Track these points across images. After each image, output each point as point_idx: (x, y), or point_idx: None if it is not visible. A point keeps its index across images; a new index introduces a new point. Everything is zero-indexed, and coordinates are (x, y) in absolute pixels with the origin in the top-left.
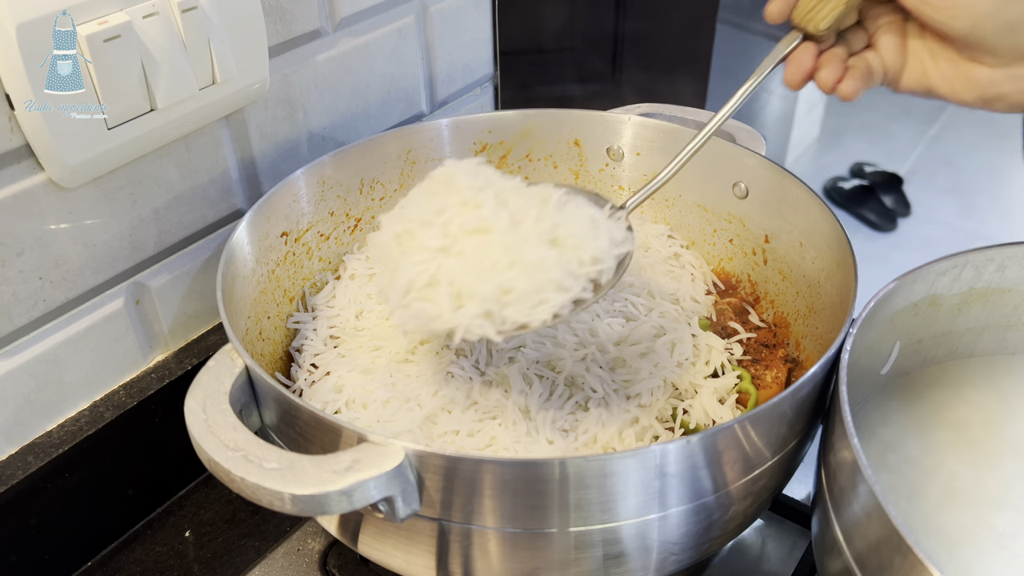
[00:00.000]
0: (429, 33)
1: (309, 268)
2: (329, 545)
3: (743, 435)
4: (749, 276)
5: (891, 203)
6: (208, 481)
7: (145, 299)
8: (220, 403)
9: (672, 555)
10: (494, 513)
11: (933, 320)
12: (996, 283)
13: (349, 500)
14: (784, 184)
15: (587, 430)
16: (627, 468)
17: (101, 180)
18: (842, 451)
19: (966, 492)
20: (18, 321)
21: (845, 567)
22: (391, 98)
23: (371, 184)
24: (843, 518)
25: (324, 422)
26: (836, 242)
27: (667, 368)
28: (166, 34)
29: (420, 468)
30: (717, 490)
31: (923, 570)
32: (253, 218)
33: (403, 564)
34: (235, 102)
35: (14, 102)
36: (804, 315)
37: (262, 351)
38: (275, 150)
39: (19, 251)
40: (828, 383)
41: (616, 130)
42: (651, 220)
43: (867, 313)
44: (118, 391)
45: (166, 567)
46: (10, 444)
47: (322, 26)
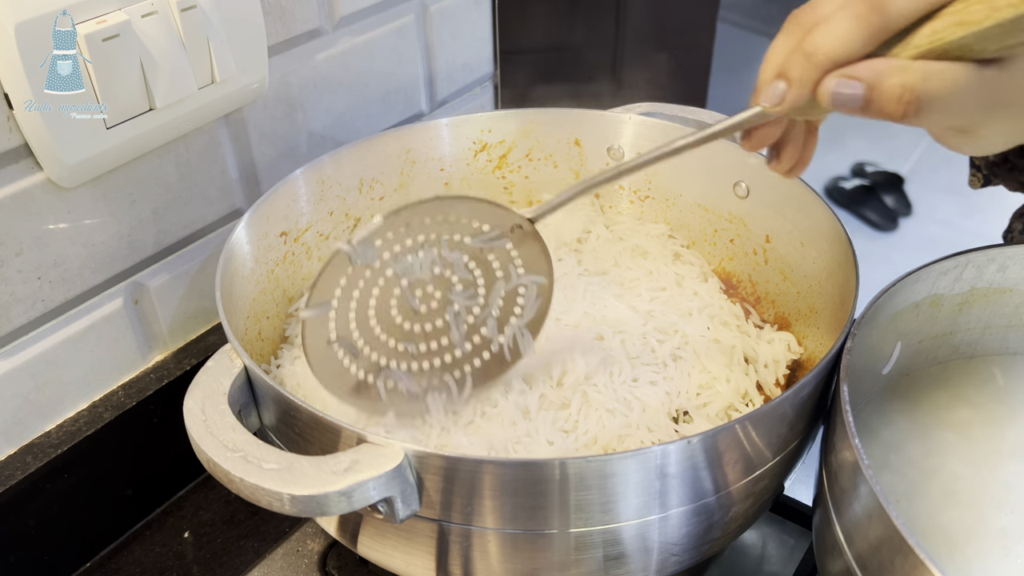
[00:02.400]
0: (429, 32)
1: (308, 268)
2: (328, 546)
3: (744, 435)
4: (750, 276)
5: (892, 203)
6: (207, 482)
7: (144, 299)
8: (219, 403)
9: (673, 556)
10: (494, 514)
11: (934, 320)
12: (998, 283)
13: (348, 501)
14: (785, 184)
15: (587, 431)
16: (628, 469)
17: (100, 180)
18: (843, 452)
19: (968, 493)
20: (17, 321)
21: (846, 568)
22: (391, 97)
23: (371, 184)
24: (844, 519)
25: (323, 422)
26: (837, 242)
27: (670, 367)
28: (165, 33)
29: (420, 469)
30: (718, 491)
31: (924, 571)
32: (252, 218)
33: (403, 565)
34: (234, 102)
35: (13, 102)
36: (805, 315)
37: (261, 351)
38: (274, 150)
39: (18, 251)
40: (829, 383)
41: (617, 129)
42: (651, 220)
43: (868, 313)
44: (117, 391)
45: (165, 568)
46: (9, 444)
47: (321, 25)
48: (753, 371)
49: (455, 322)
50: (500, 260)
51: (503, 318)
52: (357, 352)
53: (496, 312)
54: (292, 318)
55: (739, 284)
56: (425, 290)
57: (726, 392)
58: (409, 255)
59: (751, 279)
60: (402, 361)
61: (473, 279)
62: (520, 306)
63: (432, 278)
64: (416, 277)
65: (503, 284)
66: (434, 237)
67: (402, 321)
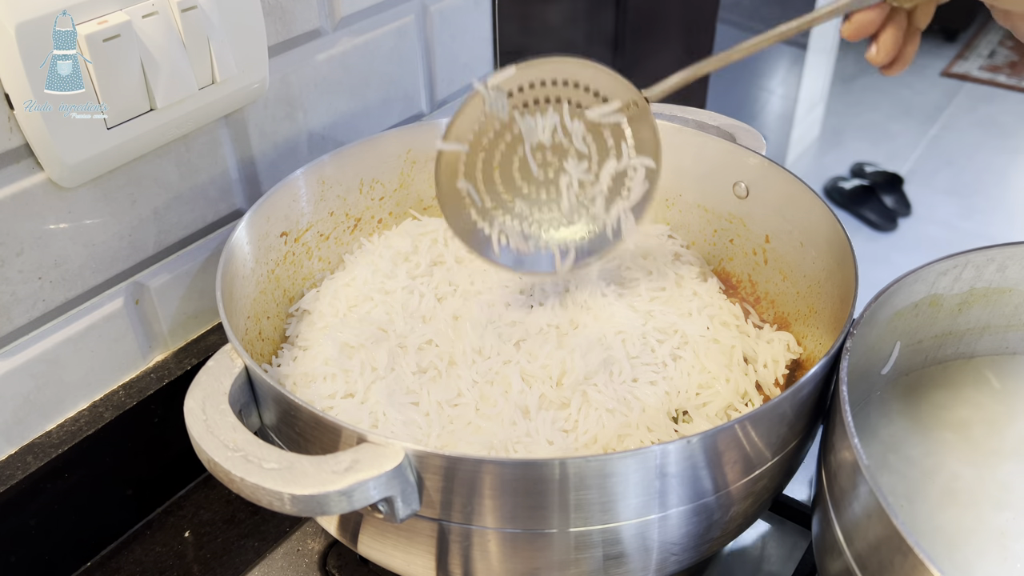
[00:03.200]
0: (429, 32)
1: (309, 268)
2: (329, 545)
3: (743, 435)
4: (750, 276)
5: (892, 203)
6: (208, 481)
7: (144, 299)
8: (220, 403)
9: (672, 555)
10: (494, 513)
11: (934, 320)
12: (997, 283)
13: (349, 500)
14: (785, 184)
15: (587, 430)
16: (627, 468)
17: (100, 180)
18: (843, 451)
19: (967, 492)
20: (17, 321)
21: (845, 567)
22: (391, 97)
23: (371, 184)
24: (843, 518)
25: (324, 422)
26: (837, 242)
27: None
28: (165, 34)
29: (420, 468)
30: (717, 490)
31: (924, 570)
32: (253, 218)
33: (403, 564)
34: (235, 102)
35: (13, 102)
36: (805, 315)
37: (262, 351)
38: (275, 150)
39: (18, 251)
40: (829, 383)
41: None
42: (651, 220)
43: (868, 313)
44: (117, 391)
45: (165, 567)
46: (9, 444)
47: (322, 25)
48: (752, 371)
49: (567, 193)
50: (615, 137)
51: (611, 197)
52: (480, 199)
53: (605, 190)
54: (292, 318)
55: (739, 284)
56: (545, 156)
57: (725, 392)
58: (536, 114)
59: (751, 279)
60: (516, 219)
61: (589, 153)
62: (627, 188)
63: (552, 145)
64: (538, 140)
65: (614, 162)
66: (557, 100)
67: (521, 182)
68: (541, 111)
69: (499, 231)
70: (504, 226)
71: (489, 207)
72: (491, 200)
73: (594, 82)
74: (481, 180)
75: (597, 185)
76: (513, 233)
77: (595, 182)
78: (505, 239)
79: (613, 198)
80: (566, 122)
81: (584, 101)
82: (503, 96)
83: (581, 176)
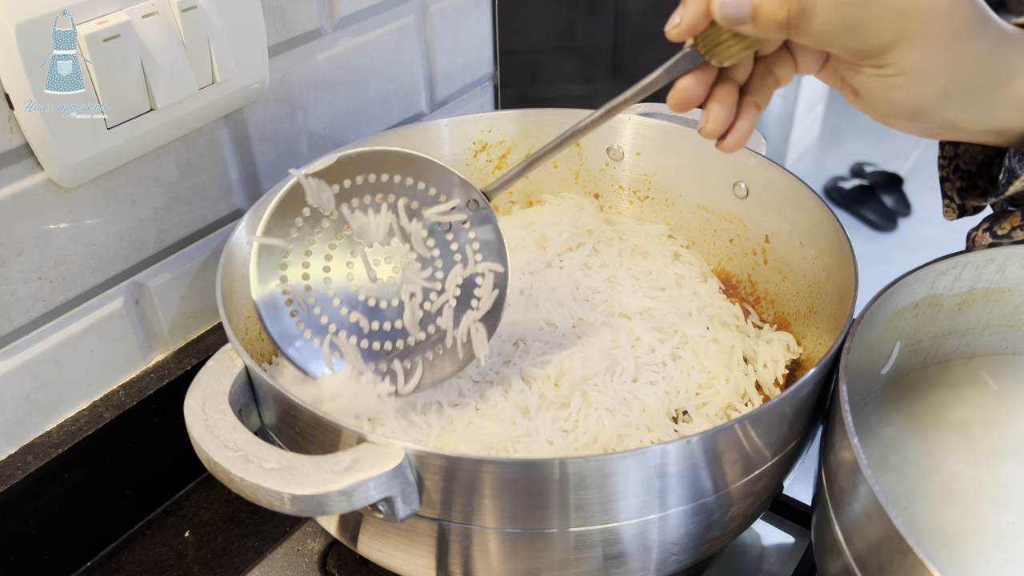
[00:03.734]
0: (429, 32)
1: None
2: (329, 545)
3: (743, 435)
4: (749, 276)
5: (891, 203)
6: (208, 481)
7: (144, 299)
8: (220, 403)
9: (672, 555)
10: (494, 513)
11: (934, 320)
12: (997, 283)
13: (349, 500)
14: (784, 184)
15: (587, 430)
16: (627, 468)
17: (100, 180)
18: (842, 451)
19: (967, 492)
20: (17, 321)
21: (845, 567)
22: (391, 97)
23: None
24: (843, 518)
25: (324, 422)
26: (836, 242)
27: (669, 366)
28: (165, 34)
29: (420, 468)
30: (717, 490)
31: (923, 570)
32: (253, 218)
33: (403, 564)
34: (235, 102)
35: (14, 102)
36: (804, 315)
37: (262, 351)
38: (275, 150)
39: (18, 251)
40: (828, 383)
41: (616, 130)
42: (651, 220)
43: (867, 313)
44: (117, 391)
45: (165, 567)
46: (9, 444)
47: (322, 25)
48: (752, 371)
49: (410, 305)
50: (458, 241)
51: (460, 308)
52: (306, 308)
53: (453, 301)
54: None
55: (738, 284)
56: (383, 259)
57: (725, 392)
58: (369, 211)
59: (750, 279)
60: (351, 334)
61: (431, 258)
62: (477, 297)
63: (391, 249)
64: (373, 241)
65: (460, 269)
66: (392, 199)
67: (357, 290)
68: (375, 208)
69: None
70: (336, 341)
71: (318, 317)
72: (320, 309)
73: (429, 179)
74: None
75: (444, 295)
76: (348, 349)
77: (442, 291)
78: (338, 354)
79: (463, 309)
80: (403, 223)
81: (422, 202)
82: (325, 189)
83: (426, 284)
